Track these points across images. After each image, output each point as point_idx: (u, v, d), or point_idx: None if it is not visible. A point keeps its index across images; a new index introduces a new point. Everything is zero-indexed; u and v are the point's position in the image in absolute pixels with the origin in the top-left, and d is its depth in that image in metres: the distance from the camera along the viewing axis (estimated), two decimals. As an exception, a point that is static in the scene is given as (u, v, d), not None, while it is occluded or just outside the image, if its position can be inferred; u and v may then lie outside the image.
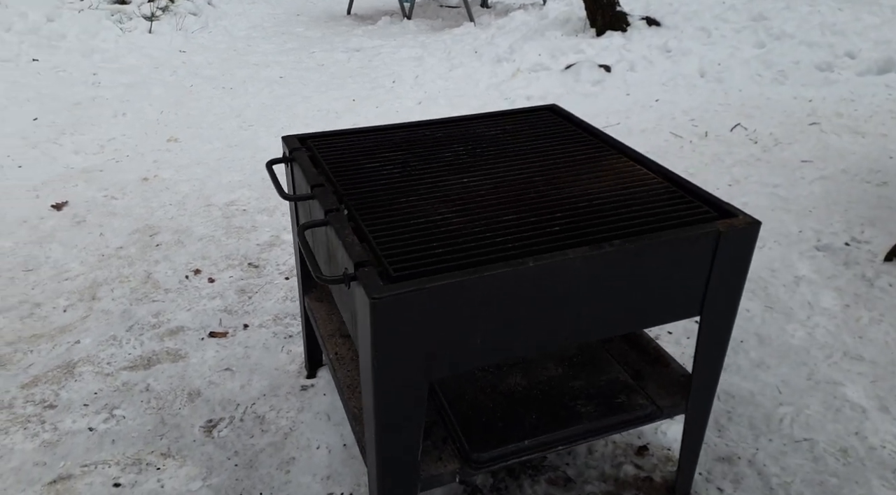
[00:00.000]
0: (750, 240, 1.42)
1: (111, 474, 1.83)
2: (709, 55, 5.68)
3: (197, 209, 3.35)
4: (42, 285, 2.67)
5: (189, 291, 2.68)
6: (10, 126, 4.40)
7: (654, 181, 1.60)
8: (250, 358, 2.32)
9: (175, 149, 4.18)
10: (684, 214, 1.44)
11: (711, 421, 2.06)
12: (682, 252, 1.37)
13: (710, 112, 4.73)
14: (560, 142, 1.85)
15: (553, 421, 1.55)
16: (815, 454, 1.93)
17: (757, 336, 2.43)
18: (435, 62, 6.54)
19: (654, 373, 1.72)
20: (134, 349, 2.32)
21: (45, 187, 3.54)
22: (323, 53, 7.16)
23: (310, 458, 1.91)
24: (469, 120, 2.02)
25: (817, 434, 2.01)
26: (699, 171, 3.80)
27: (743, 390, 2.18)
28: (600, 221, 1.42)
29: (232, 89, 5.52)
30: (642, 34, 6.36)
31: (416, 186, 1.58)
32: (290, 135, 1.87)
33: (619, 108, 4.88)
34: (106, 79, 5.53)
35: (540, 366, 1.73)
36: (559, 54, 6.15)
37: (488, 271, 1.24)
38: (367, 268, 1.24)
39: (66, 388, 2.13)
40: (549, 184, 1.59)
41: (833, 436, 1.99)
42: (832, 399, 2.13)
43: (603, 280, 1.33)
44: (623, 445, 1.97)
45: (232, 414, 2.07)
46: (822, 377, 2.22)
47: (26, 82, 5.25)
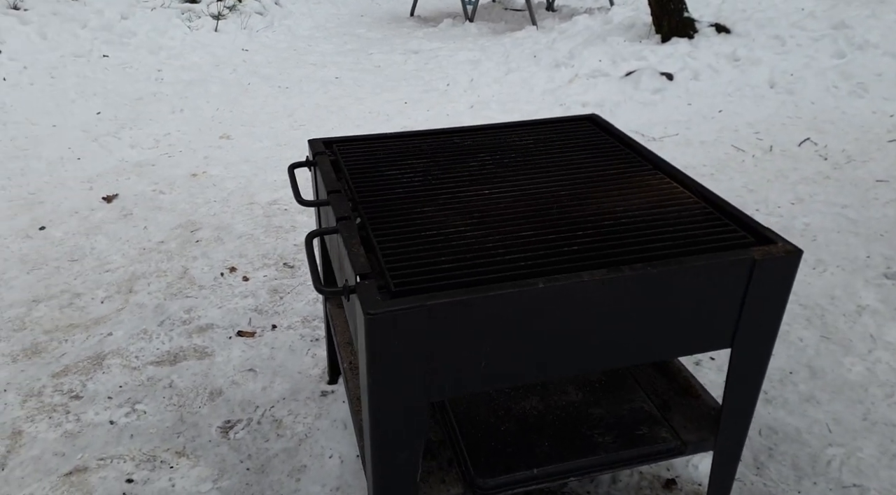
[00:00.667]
0: (789, 269, 1.29)
1: (125, 469, 1.84)
2: (781, 65, 5.41)
3: (240, 207, 3.39)
4: (84, 276, 2.74)
5: (223, 289, 2.70)
6: (75, 119, 4.57)
7: (690, 201, 1.49)
8: (275, 359, 2.31)
9: (226, 146, 4.25)
10: (717, 239, 1.33)
11: (750, 457, 1.92)
12: (711, 279, 1.26)
13: (777, 125, 4.49)
14: (594, 154, 1.75)
15: (567, 450, 1.46)
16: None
17: (809, 368, 2.26)
18: (491, 66, 6.47)
19: (683, 405, 1.60)
20: (162, 344, 2.35)
21: (99, 179, 3.66)
22: (381, 55, 7.19)
23: (321, 467, 1.88)
24: (501, 128, 1.95)
25: (869, 480, 1.84)
26: (759, 188, 3.60)
27: (788, 426, 2.03)
28: (624, 242, 1.32)
29: (287, 89, 5.59)
30: (710, 41, 6.12)
31: (434, 196, 1.52)
32: (316, 139, 1.84)
33: (679, 118, 4.69)
34: (169, 75, 5.70)
35: (559, 389, 1.64)
36: (620, 60, 5.98)
37: (494, 291, 1.17)
38: (367, 281, 1.19)
39: (94, 380, 2.16)
40: (574, 199, 1.51)
41: (887, 484, 1.82)
42: (889, 443, 1.95)
43: (621, 306, 1.24)
44: (650, 477, 1.86)
45: (250, 416, 2.06)
46: (879, 417, 2.04)
47: (95, 77, 5.46)
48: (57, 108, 4.76)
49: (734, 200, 3.45)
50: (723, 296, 1.28)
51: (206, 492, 1.79)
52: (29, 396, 2.09)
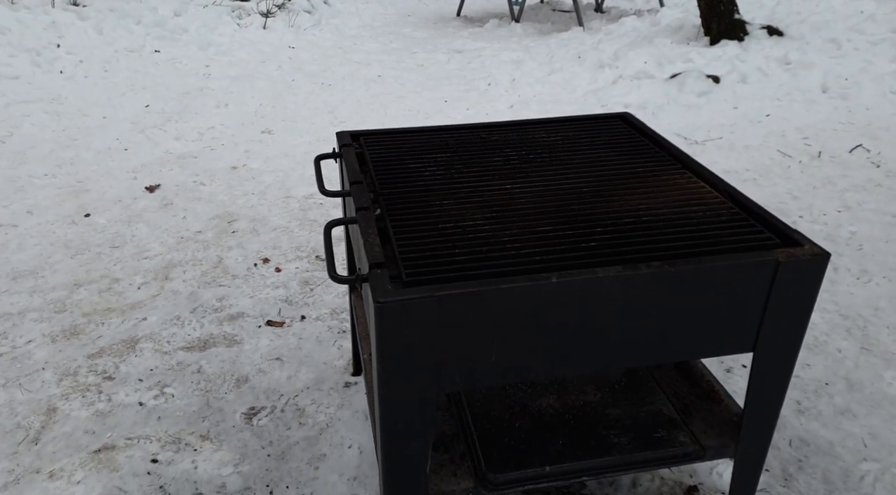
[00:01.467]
0: (816, 273, 1.25)
1: (151, 450, 1.89)
2: (835, 69, 5.23)
3: (276, 200, 3.44)
4: (123, 262, 2.83)
5: (255, 279, 2.75)
6: (125, 112, 4.72)
7: (716, 201, 1.45)
8: (302, 349, 2.34)
9: (267, 140, 4.33)
10: (741, 239, 1.29)
11: (778, 468, 1.86)
12: (731, 280, 1.23)
13: (827, 131, 4.34)
14: (622, 152, 1.72)
15: (581, 450, 1.44)
16: (896, 521, 1.70)
17: (846, 380, 2.18)
18: (534, 66, 6.43)
19: (704, 410, 1.56)
20: (194, 330, 2.40)
21: (144, 169, 3.77)
22: (425, 54, 7.22)
23: (340, 457, 1.89)
24: (530, 124, 1.94)
25: (903, 499, 1.76)
26: (805, 194, 3.49)
27: (821, 439, 1.96)
28: (644, 240, 1.30)
29: (330, 86, 5.66)
30: (761, 44, 5.96)
31: (454, 190, 1.52)
32: (344, 131, 1.86)
33: (724, 122, 4.58)
34: (216, 71, 5.84)
35: (577, 388, 1.62)
36: (666, 62, 5.88)
37: (506, 284, 1.16)
38: (380, 271, 1.20)
39: (126, 362, 2.23)
40: (597, 196, 1.49)
41: (921, 503, 1.75)
42: (927, 461, 1.87)
43: (637, 304, 1.22)
44: (671, 482, 1.81)
45: (274, 404, 2.09)
46: (917, 434, 1.96)
47: (146, 71, 5.63)
48: (108, 100, 4.93)
49: (777, 207, 3.35)
50: (744, 298, 1.25)
51: (226, 476, 1.82)
52: (65, 375, 2.17)
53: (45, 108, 4.69)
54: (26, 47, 5.63)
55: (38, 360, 2.23)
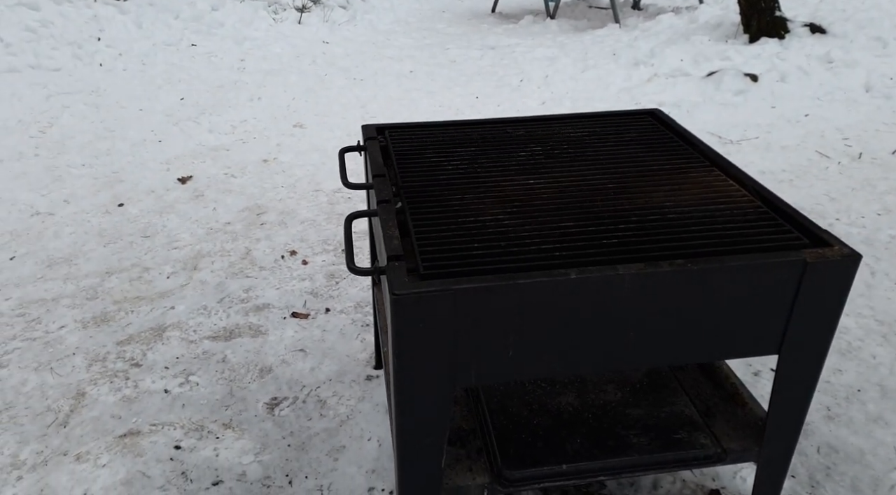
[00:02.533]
0: (846, 274, 1.21)
1: (175, 436, 1.92)
2: (880, 68, 5.08)
3: (305, 193, 3.47)
4: (154, 251, 2.88)
5: (282, 271, 2.77)
6: (161, 104, 4.81)
7: (745, 199, 1.41)
8: (325, 342, 2.36)
9: (298, 134, 4.37)
10: (768, 239, 1.26)
11: (805, 475, 1.82)
12: (756, 281, 1.19)
13: (869, 131, 4.22)
14: (650, 149, 1.69)
15: (599, 449, 1.42)
16: (927, 534, 1.64)
17: (880, 387, 2.11)
18: (568, 63, 6.37)
19: (727, 412, 1.53)
20: (220, 320, 2.44)
21: (177, 161, 3.83)
22: (458, 50, 7.20)
23: (360, 449, 1.90)
24: (557, 119, 1.92)
25: (935, 511, 1.70)
26: (843, 196, 3.39)
27: (851, 446, 1.90)
28: (667, 237, 1.27)
29: (362, 81, 5.69)
30: (802, 42, 5.81)
31: (476, 184, 1.51)
32: (370, 125, 1.86)
33: (761, 122, 4.48)
34: (251, 65, 5.91)
35: (598, 388, 1.59)
36: (703, 60, 5.77)
37: (523, 279, 1.15)
38: (397, 263, 1.19)
39: (154, 350, 2.27)
40: (622, 192, 1.46)
41: (955, 517, 1.68)
42: (962, 473, 1.80)
43: (658, 302, 1.19)
44: (693, 485, 1.78)
45: (296, 395, 2.11)
46: (953, 445, 1.89)
47: (182, 65, 5.73)
48: (145, 93, 5.03)
49: (813, 209, 3.26)
50: (770, 299, 1.21)
51: (247, 464, 1.84)
52: (94, 361, 2.22)
53: (85, 100, 4.80)
54: (68, 40, 5.77)
55: (69, 346, 2.29)
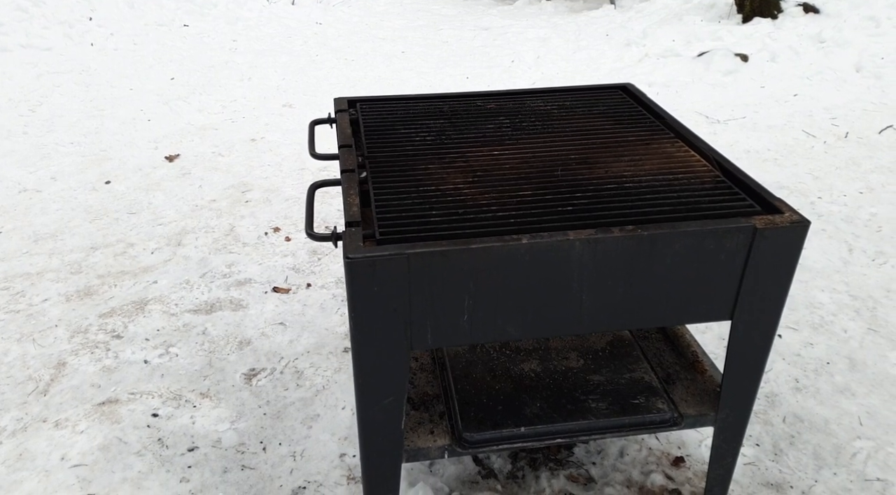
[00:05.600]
0: (795, 241, 1.23)
1: (152, 405, 1.96)
2: (872, 48, 5.06)
3: (291, 171, 3.49)
4: (139, 228, 2.91)
5: (265, 247, 2.80)
6: (151, 84, 4.81)
7: (703, 169, 1.44)
8: (305, 315, 2.39)
9: (287, 114, 4.38)
10: (721, 206, 1.28)
11: (769, 443, 1.86)
12: (706, 246, 1.22)
13: (857, 111, 4.22)
14: (617, 122, 1.71)
15: (557, 413, 1.45)
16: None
17: (849, 359, 2.15)
18: (560, 43, 6.36)
19: (687, 379, 1.56)
20: (202, 294, 2.47)
21: (165, 140, 3.85)
22: (451, 30, 7.18)
23: (333, 417, 1.94)
24: (529, 93, 1.93)
25: (895, 476, 1.74)
26: (826, 175, 3.41)
27: (816, 416, 1.94)
28: (622, 205, 1.30)
29: (353, 61, 5.68)
30: (795, 22, 5.79)
31: (442, 155, 1.53)
32: (342, 97, 1.87)
33: (749, 101, 4.48)
34: (243, 45, 5.90)
35: (561, 354, 1.63)
36: (694, 40, 5.76)
37: (476, 244, 1.18)
38: (354, 229, 1.22)
39: (135, 322, 2.30)
40: (583, 163, 1.48)
41: (913, 483, 1.73)
42: (922, 441, 1.84)
43: (609, 268, 1.22)
44: (659, 453, 1.82)
45: (274, 366, 2.14)
46: (915, 415, 1.93)
47: (173, 45, 5.72)
48: (135, 72, 5.03)
49: (796, 187, 3.28)
50: (720, 265, 1.24)
51: (222, 432, 1.88)
52: (76, 333, 2.25)
53: (75, 79, 4.80)
54: (59, 20, 5.76)
55: (52, 318, 2.32)
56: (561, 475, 1.76)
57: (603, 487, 1.72)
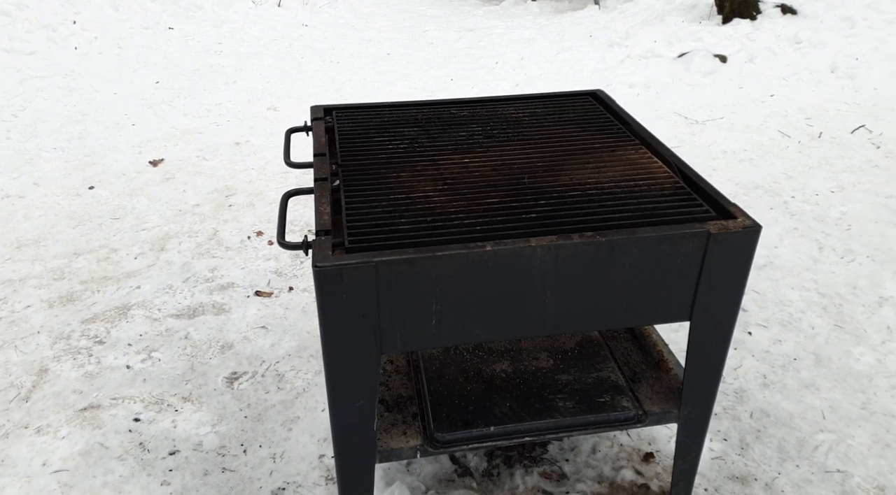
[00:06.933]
0: (747, 245, 1.29)
1: (134, 409, 1.99)
2: (847, 48, 5.15)
3: (275, 175, 3.53)
4: (123, 233, 2.93)
5: (248, 251, 2.83)
6: (136, 87, 4.83)
7: (664, 175, 1.49)
8: (287, 319, 2.43)
9: (272, 117, 4.40)
10: (678, 211, 1.33)
11: (736, 438, 1.91)
12: (663, 251, 1.27)
13: (830, 111, 4.30)
14: (585, 129, 1.76)
15: (526, 412, 1.50)
16: (846, 488, 1.75)
17: (815, 355, 2.21)
18: (544, 45, 6.41)
19: (652, 377, 1.61)
20: (185, 299, 2.50)
21: (149, 144, 3.87)
22: (436, 32, 7.22)
23: (313, 419, 1.98)
24: (501, 100, 1.98)
25: (855, 467, 1.80)
26: (800, 174, 3.48)
27: (782, 410, 2.00)
28: (583, 211, 1.35)
29: (338, 63, 5.71)
30: (773, 23, 5.87)
31: (413, 163, 1.57)
32: (318, 105, 1.91)
33: (727, 102, 4.55)
34: (228, 48, 5.92)
35: (532, 355, 1.67)
36: (675, 41, 5.82)
37: (442, 251, 1.22)
38: (323, 238, 1.26)
39: (118, 328, 2.33)
40: (549, 170, 1.53)
41: (873, 472, 1.79)
42: (884, 432, 1.90)
43: (569, 272, 1.27)
44: (630, 449, 1.88)
45: (255, 370, 2.18)
46: (879, 407, 1.99)
47: (158, 48, 5.73)
48: (120, 76, 5.04)
49: (770, 186, 3.35)
50: (677, 268, 1.29)
51: (204, 435, 1.92)
52: (59, 339, 2.28)
53: (59, 84, 4.81)
54: (43, 23, 5.75)
55: (34, 324, 2.35)
56: (535, 472, 1.81)
57: (575, 483, 1.77)
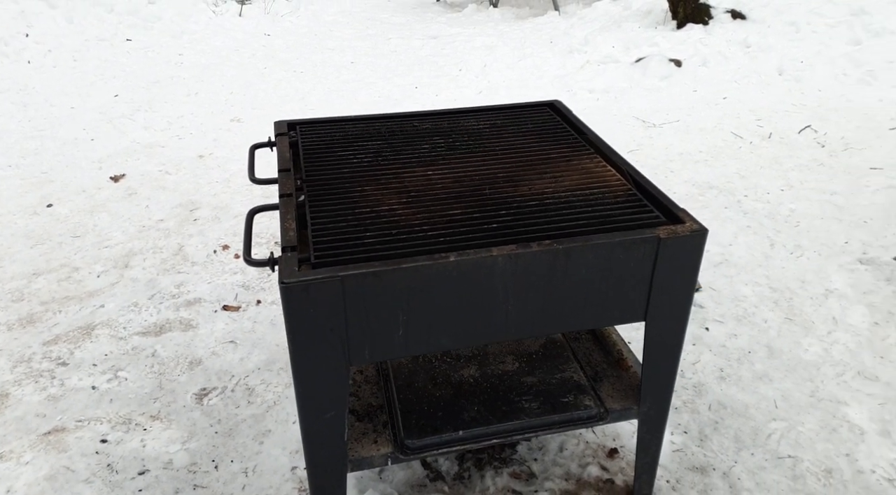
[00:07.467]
0: (695, 247, 1.35)
1: (101, 430, 1.98)
2: (792, 52, 5.34)
3: (240, 188, 3.52)
4: (84, 251, 2.90)
5: (214, 265, 2.83)
6: (93, 101, 4.76)
7: (617, 183, 1.55)
8: (255, 332, 2.44)
9: (235, 129, 4.39)
10: (631, 218, 1.39)
11: (696, 430, 1.99)
12: (616, 256, 1.33)
13: (779, 112, 4.46)
14: (543, 139, 1.82)
15: (493, 415, 1.55)
16: (797, 472, 1.83)
17: (768, 348, 2.30)
18: (506, 51, 6.50)
19: (613, 376, 1.68)
20: (151, 316, 2.49)
21: (109, 160, 3.83)
22: (399, 40, 7.26)
23: (285, 432, 1.99)
24: (462, 113, 2.02)
25: (804, 452, 1.90)
26: (751, 174, 3.60)
27: (737, 402, 2.09)
28: (542, 221, 1.40)
29: (302, 73, 5.71)
30: (724, 28, 6.05)
31: (377, 176, 1.61)
32: (281, 121, 1.94)
33: (682, 105, 4.68)
34: (189, 59, 5.87)
35: (498, 359, 1.72)
36: (632, 47, 5.96)
37: (407, 263, 1.26)
38: (290, 254, 1.29)
39: (82, 348, 2.31)
40: (509, 180, 1.58)
41: (821, 456, 1.88)
42: (831, 418, 2.00)
43: (530, 279, 1.32)
44: (595, 446, 1.93)
45: (225, 385, 2.19)
46: (826, 395, 2.09)
47: (116, 61, 5.66)
48: (76, 90, 4.96)
49: (725, 186, 3.46)
50: (631, 271, 1.35)
51: (173, 453, 1.92)
52: (19, 362, 2.25)
53: (12, 99, 4.72)
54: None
55: (-5, 347, 2.32)
56: (504, 473, 1.86)
57: (543, 481, 1.83)
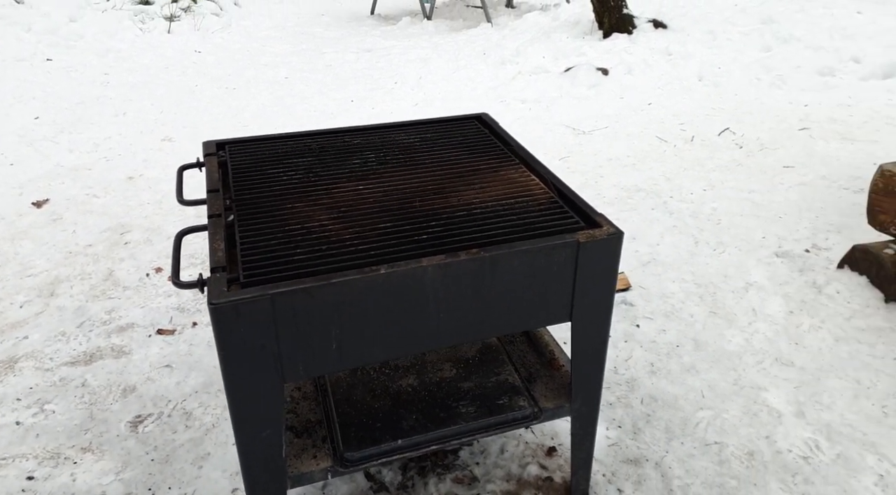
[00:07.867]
0: (613, 250, 1.42)
1: (27, 467, 1.91)
2: (711, 58, 5.60)
3: (172, 209, 3.46)
4: (4, 281, 2.80)
5: (147, 289, 2.77)
6: (11, 124, 4.59)
7: (540, 191, 1.61)
8: (192, 355, 2.40)
9: (167, 148, 4.30)
10: (552, 224, 1.45)
11: (629, 424, 2.06)
12: (539, 261, 1.38)
13: (700, 116, 4.67)
14: (471, 151, 1.87)
15: (431, 422, 1.58)
16: (722, 457, 1.93)
17: (694, 341, 2.41)
18: (441, 63, 6.58)
19: (546, 376, 1.73)
20: (80, 345, 2.42)
21: (31, 185, 3.70)
22: (334, 54, 7.25)
23: (224, 454, 1.97)
24: (392, 127, 2.06)
25: (729, 437, 2.00)
26: (676, 176, 3.76)
27: (667, 394, 2.18)
28: (470, 230, 1.44)
29: (235, 89, 5.64)
30: (647, 37, 6.29)
31: (308, 193, 1.62)
32: (210, 141, 1.93)
33: (610, 112, 4.85)
34: (115, 79, 5.72)
35: (436, 367, 1.75)
36: (562, 57, 6.13)
37: (337, 278, 1.28)
38: (218, 274, 1.29)
39: (3, 383, 2.23)
40: (438, 193, 1.62)
41: (744, 440, 1.99)
42: (752, 404, 2.12)
43: (460, 287, 1.36)
44: (534, 446, 1.99)
45: (161, 410, 2.14)
46: (747, 382, 2.21)
47: (35, 81, 5.46)
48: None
49: (651, 188, 3.60)
50: (554, 275, 1.41)
51: (107, 484, 1.87)
52: (-58, 398, 2.16)
53: (-75, 125, 4.50)
54: None
55: (-88, 385, 2.21)
56: (448, 479, 1.89)
57: (485, 484, 1.86)
